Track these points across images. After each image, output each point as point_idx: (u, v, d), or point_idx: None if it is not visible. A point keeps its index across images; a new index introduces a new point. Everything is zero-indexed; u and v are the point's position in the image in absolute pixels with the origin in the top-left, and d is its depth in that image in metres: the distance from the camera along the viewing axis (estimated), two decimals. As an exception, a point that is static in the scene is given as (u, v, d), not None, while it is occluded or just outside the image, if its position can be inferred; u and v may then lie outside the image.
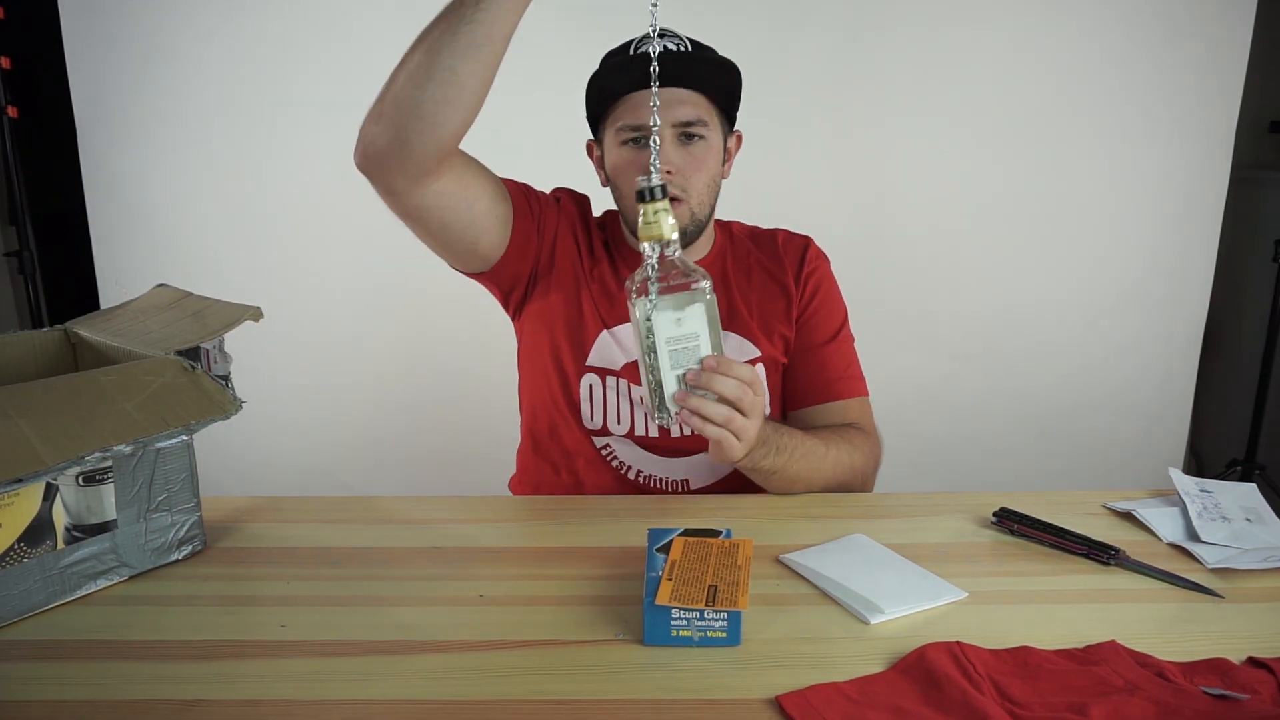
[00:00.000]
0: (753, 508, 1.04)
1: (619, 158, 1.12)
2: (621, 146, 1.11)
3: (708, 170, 1.12)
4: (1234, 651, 0.72)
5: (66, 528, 0.82)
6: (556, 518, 1.02)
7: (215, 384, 0.89)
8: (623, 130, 1.10)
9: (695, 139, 1.10)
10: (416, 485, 2.20)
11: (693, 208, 1.11)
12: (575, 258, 1.18)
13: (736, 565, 0.78)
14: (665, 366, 0.88)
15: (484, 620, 0.79)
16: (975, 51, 2.11)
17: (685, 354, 0.88)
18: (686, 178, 1.10)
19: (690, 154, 1.10)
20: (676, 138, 1.09)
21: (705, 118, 1.10)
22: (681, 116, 1.09)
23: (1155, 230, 2.22)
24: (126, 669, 0.72)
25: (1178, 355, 2.29)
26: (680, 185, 1.09)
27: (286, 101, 2.09)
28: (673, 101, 1.08)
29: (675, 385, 0.88)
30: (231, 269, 2.13)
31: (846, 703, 0.65)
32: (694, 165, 1.10)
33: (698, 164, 1.11)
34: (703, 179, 1.11)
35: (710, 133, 1.11)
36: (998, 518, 0.98)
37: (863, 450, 1.13)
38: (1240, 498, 1.02)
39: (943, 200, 2.18)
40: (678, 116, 1.08)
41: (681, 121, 1.09)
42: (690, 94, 1.10)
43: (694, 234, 1.14)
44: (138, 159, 2.13)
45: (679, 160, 1.09)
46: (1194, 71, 2.11)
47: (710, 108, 1.12)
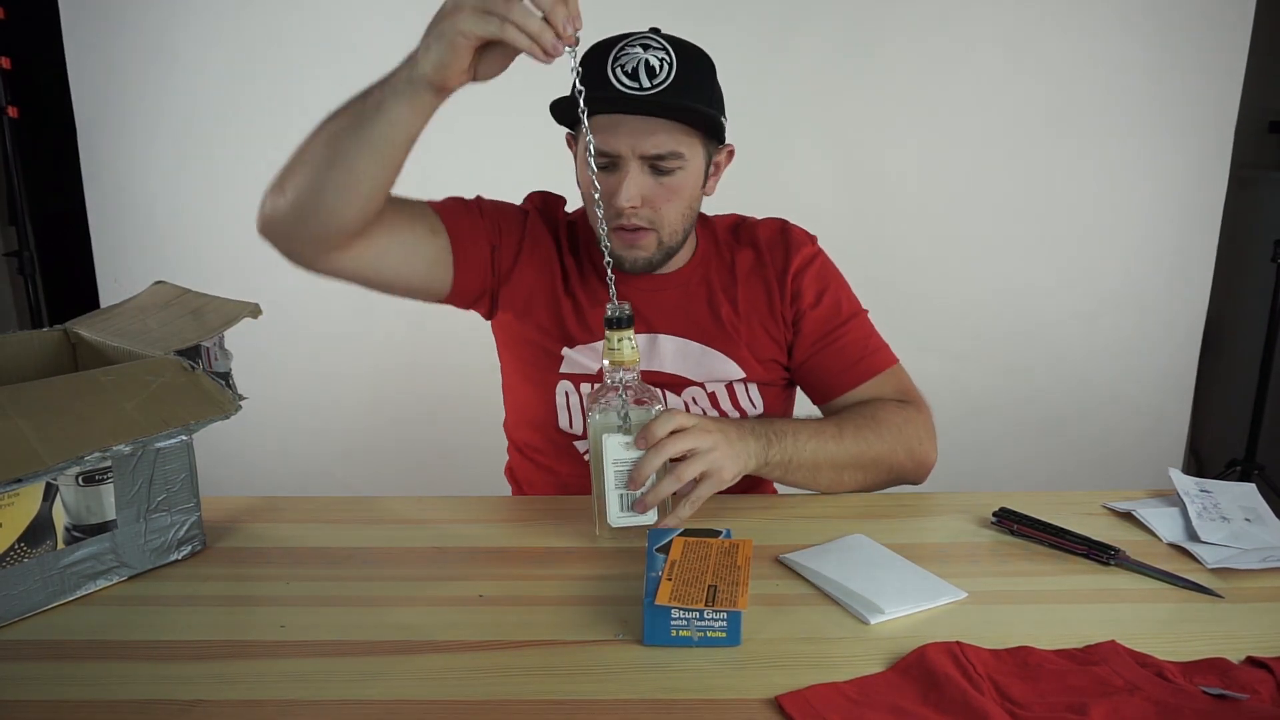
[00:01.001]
0: (753, 508, 1.04)
1: (588, 178, 1.01)
2: (588, 167, 1.01)
3: (682, 199, 1.06)
4: (1234, 651, 0.72)
5: (66, 528, 0.82)
6: (556, 518, 1.02)
7: (215, 384, 0.89)
8: (596, 155, 1.02)
9: (668, 171, 1.03)
10: (416, 485, 2.20)
11: (663, 237, 1.07)
12: (547, 269, 1.15)
13: (736, 565, 0.78)
14: (610, 485, 0.91)
15: (484, 620, 0.79)
16: (975, 51, 2.11)
17: (629, 476, 0.90)
18: (656, 209, 1.05)
19: (662, 185, 1.04)
20: (645, 167, 1.02)
21: (680, 149, 1.02)
22: (650, 149, 1.01)
23: (1155, 230, 2.22)
24: (126, 669, 0.72)
25: (1178, 355, 2.29)
26: (648, 218, 1.05)
27: (286, 101, 2.09)
28: (644, 132, 1.00)
29: (617, 505, 0.91)
30: (231, 269, 2.12)
31: (846, 703, 0.65)
32: (665, 196, 1.04)
33: (669, 195, 1.04)
34: (676, 208, 1.06)
35: (687, 161, 1.04)
36: (998, 518, 0.98)
37: (893, 423, 1.07)
38: (1240, 498, 1.02)
39: (942, 200, 2.18)
40: (646, 149, 1.01)
41: (651, 154, 1.01)
42: (664, 124, 1.01)
43: (663, 260, 1.10)
44: (138, 159, 2.14)
45: (649, 191, 1.03)
46: (1194, 71, 2.12)
47: (688, 134, 1.03)
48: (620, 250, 1.07)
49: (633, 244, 1.07)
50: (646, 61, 0.99)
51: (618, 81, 0.99)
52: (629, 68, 0.99)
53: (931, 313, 2.22)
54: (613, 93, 0.99)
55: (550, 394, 1.15)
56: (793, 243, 1.18)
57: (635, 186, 1.02)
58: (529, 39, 0.79)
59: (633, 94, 0.99)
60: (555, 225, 1.18)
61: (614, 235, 1.06)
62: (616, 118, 1.00)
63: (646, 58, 1.00)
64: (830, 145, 2.16)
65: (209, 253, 2.15)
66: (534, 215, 1.17)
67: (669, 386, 1.15)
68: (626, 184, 1.02)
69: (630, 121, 1.00)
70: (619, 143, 1.01)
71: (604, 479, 0.90)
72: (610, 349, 0.90)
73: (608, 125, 1.01)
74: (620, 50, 1.01)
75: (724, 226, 1.22)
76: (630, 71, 0.99)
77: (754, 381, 1.16)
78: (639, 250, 1.07)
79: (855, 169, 2.18)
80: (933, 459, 1.10)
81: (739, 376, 1.15)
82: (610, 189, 1.03)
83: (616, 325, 0.89)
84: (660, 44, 1.01)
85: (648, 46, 1.01)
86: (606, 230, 1.04)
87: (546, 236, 1.16)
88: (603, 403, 0.91)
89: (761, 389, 1.17)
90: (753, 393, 1.16)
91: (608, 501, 0.91)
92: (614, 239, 1.06)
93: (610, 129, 1.01)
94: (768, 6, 2.07)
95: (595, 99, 0.97)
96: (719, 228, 1.21)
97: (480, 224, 1.12)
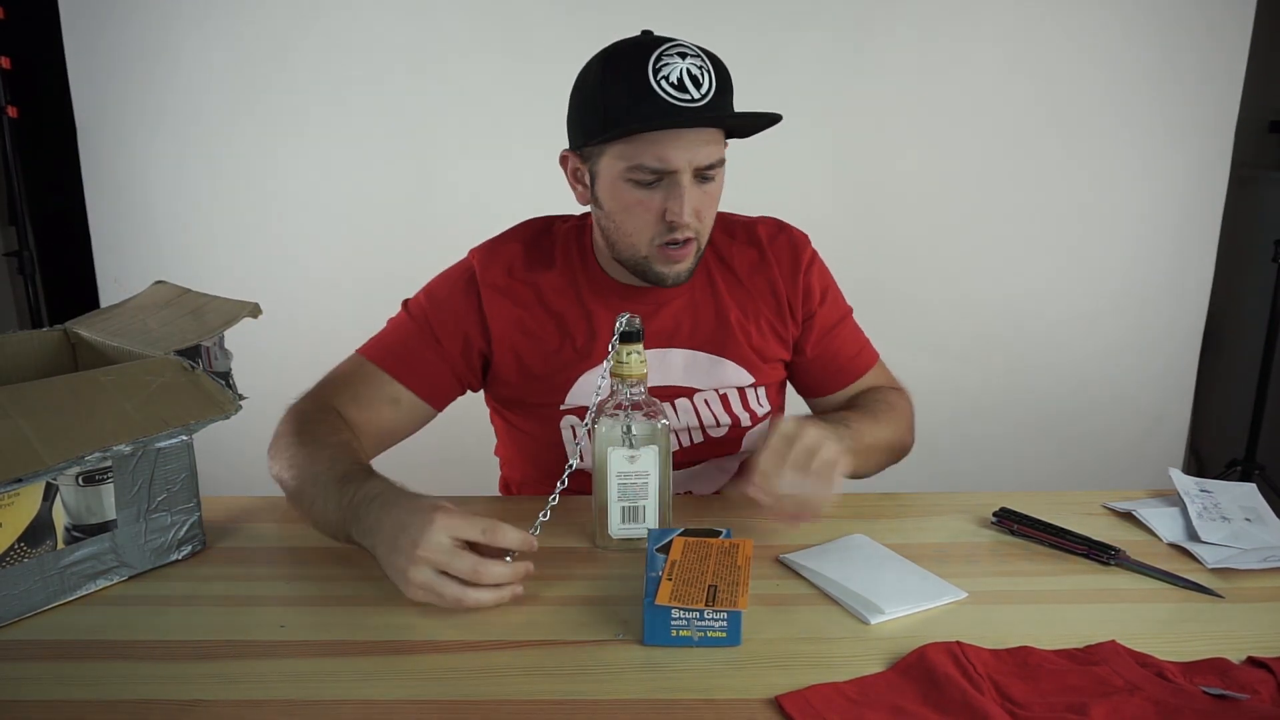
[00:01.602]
0: (753, 508, 1.04)
1: (626, 195, 1.01)
2: (628, 184, 1.00)
3: (716, 204, 1.06)
4: (1234, 651, 0.72)
5: (66, 528, 0.82)
6: (556, 518, 1.02)
7: (215, 384, 0.89)
8: (638, 170, 0.98)
9: (711, 179, 1.02)
10: (416, 485, 2.19)
11: (700, 245, 1.06)
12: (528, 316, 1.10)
13: (736, 565, 0.78)
14: (613, 498, 0.91)
15: (484, 620, 0.79)
16: (975, 51, 2.11)
17: (632, 490, 0.90)
18: (702, 219, 1.03)
19: (707, 194, 1.02)
20: (695, 178, 1.00)
21: (722, 155, 1.02)
22: (704, 160, 0.99)
23: (1155, 230, 2.22)
24: (126, 669, 0.72)
25: (1178, 355, 2.29)
26: (696, 229, 1.03)
27: (286, 101, 2.09)
28: (698, 144, 0.98)
29: (618, 518, 0.91)
30: (231, 269, 2.13)
31: (846, 703, 0.65)
32: (709, 205, 1.04)
33: (712, 202, 1.05)
34: (712, 215, 1.06)
35: (723, 167, 1.04)
36: (998, 518, 0.98)
37: (901, 407, 1.15)
38: (1240, 498, 1.02)
39: (942, 201, 2.18)
40: (700, 161, 0.99)
41: (704, 165, 0.99)
42: (714, 133, 1.00)
43: (695, 267, 1.07)
44: (138, 159, 2.13)
45: (699, 204, 1.01)
46: (1194, 71, 2.11)
47: (722, 138, 1.03)
48: (663, 267, 1.04)
49: (681, 258, 1.03)
50: (689, 70, 0.96)
51: (665, 94, 0.95)
52: (673, 78, 0.95)
53: (931, 313, 2.22)
54: (666, 106, 0.95)
55: (555, 430, 1.12)
56: (797, 241, 1.17)
57: (693, 200, 1.00)
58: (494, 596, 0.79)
59: (689, 106, 0.95)
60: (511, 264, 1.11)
61: (660, 252, 1.03)
62: (672, 132, 0.97)
63: (686, 66, 0.96)
64: (830, 145, 2.15)
65: (209, 253, 2.15)
66: (481, 274, 1.10)
67: (680, 395, 1.12)
68: (686, 198, 0.98)
69: (686, 134, 0.97)
70: (677, 157, 0.97)
71: (607, 491, 0.90)
72: (619, 362, 0.89)
73: (663, 140, 0.97)
74: (658, 61, 0.96)
75: (717, 225, 1.16)
76: (676, 82, 0.95)
77: (762, 385, 1.16)
78: (684, 264, 1.04)
79: (855, 169, 2.17)
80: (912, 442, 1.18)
81: (749, 383, 1.14)
82: (657, 206, 1.00)
83: (626, 340, 0.88)
84: (694, 50, 0.98)
85: (684, 55, 0.97)
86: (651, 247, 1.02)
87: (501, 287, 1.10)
88: (608, 415, 0.90)
89: (767, 390, 1.17)
90: (760, 395, 1.16)
91: (609, 513, 0.91)
92: (659, 256, 1.03)
93: (666, 143, 0.97)
94: (767, 6, 2.07)
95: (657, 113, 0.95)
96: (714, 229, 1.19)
97: (437, 351, 1.09)
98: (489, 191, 2.05)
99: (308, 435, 0.98)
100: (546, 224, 1.16)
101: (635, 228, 1.02)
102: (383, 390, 1.08)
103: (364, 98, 2.07)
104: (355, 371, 1.09)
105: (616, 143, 0.99)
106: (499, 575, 0.78)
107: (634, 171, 0.98)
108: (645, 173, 0.98)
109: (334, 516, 0.87)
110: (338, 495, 0.87)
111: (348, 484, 0.87)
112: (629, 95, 0.95)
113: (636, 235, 1.02)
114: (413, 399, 1.09)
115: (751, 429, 1.15)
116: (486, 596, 0.78)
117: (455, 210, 2.09)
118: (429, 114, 2.09)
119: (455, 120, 2.09)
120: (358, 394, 1.07)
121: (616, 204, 1.02)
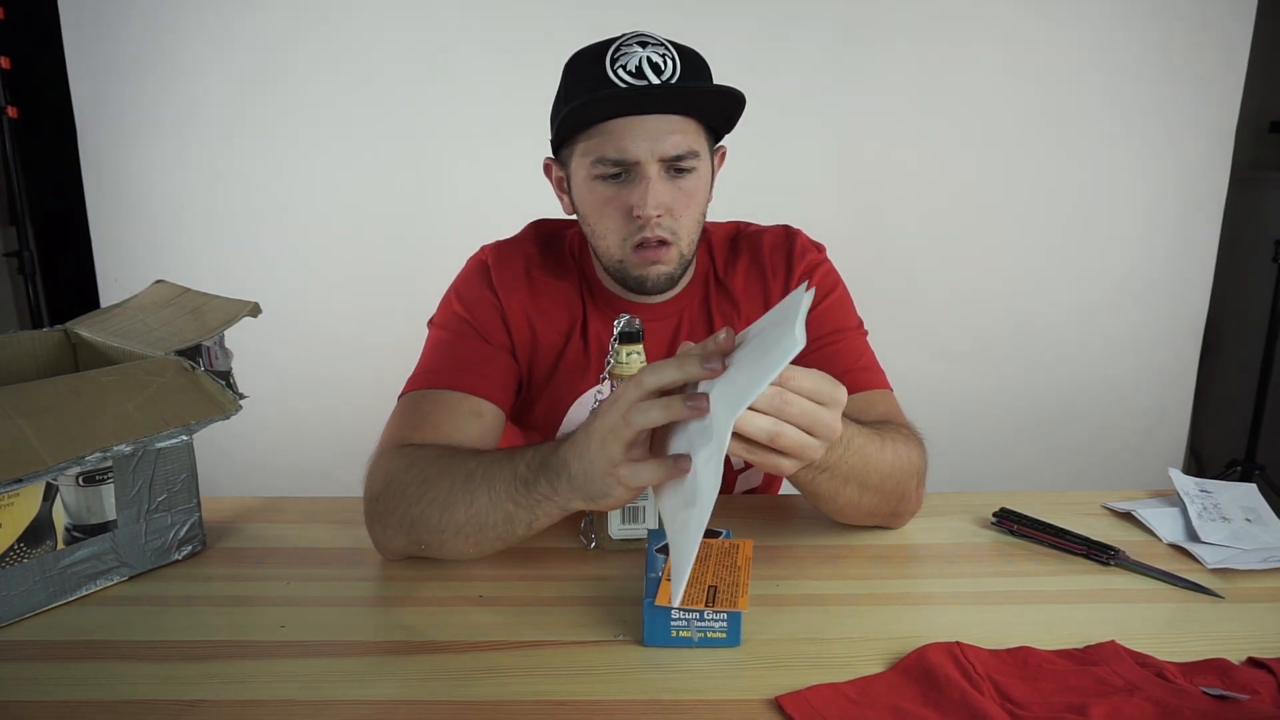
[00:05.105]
0: (753, 508, 1.04)
1: (594, 194, 0.96)
2: (596, 181, 0.95)
3: (697, 204, 0.98)
4: (1234, 651, 0.72)
5: (66, 528, 0.82)
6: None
7: (215, 384, 0.89)
8: (601, 164, 0.94)
9: (686, 173, 0.95)
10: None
11: (681, 249, 0.98)
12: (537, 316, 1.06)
13: (736, 566, 0.78)
14: None
15: (484, 620, 0.79)
16: (975, 51, 2.11)
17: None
18: (676, 218, 0.96)
19: (680, 189, 0.95)
20: (665, 171, 0.94)
21: (696, 147, 0.95)
22: (670, 150, 0.93)
23: (1155, 230, 2.22)
24: (126, 669, 0.72)
25: (1177, 355, 2.29)
26: (670, 228, 0.96)
27: (286, 101, 2.09)
28: (662, 132, 0.92)
29: (618, 519, 0.91)
30: (232, 269, 2.13)
31: (846, 703, 0.65)
32: (684, 202, 0.96)
33: (688, 200, 0.96)
34: (692, 215, 0.98)
35: (700, 162, 0.96)
36: (998, 518, 0.98)
37: (915, 446, 0.94)
38: (1240, 498, 1.02)
39: (942, 201, 2.18)
40: (666, 150, 0.92)
41: (671, 156, 0.93)
42: (680, 120, 0.93)
43: (681, 273, 1.01)
44: (138, 159, 2.13)
45: (669, 198, 0.95)
46: (1194, 71, 2.12)
47: (700, 132, 0.96)
48: (638, 270, 0.98)
49: (656, 260, 0.97)
50: (648, 58, 0.91)
51: (622, 81, 0.91)
52: (630, 66, 0.91)
53: (931, 312, 2.22)
54: (620, 92, 0.90)
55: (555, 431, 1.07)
56: (796, 249, 1.10)
57: (658, 193, 0.93)
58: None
59: (640, 89, 0.90)
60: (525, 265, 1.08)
61: (635, 254, 0.97)
62: (630, 120, 0.91)
63: (647, 54, 0.92)
64: (830, 146, 2.15)
65: (209, 253, 2.15)
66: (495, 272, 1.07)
67: None
68: (650, 191, 0.93)
69: (646, 121, 0.92)
70: (637, 146, 0.92)
71: None
72: (619, 363, 0.88)
73: (621, 129, 0.92)
74: (616, 51, 0.92)
75: (722, 239, 1.13)
76: (634, 70, 0.91)
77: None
78: (661, 265, 0.98)
79: (855, 169, 2.17)
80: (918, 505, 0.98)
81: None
82: (624, 202, 0.95)
83: (625, 340, 0.88)
84: (657, 40, 0.94)
85: (645, 44, 0.93)
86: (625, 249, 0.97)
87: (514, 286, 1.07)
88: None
89: None
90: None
91: (610, 514, 0.91)
92: (634, 259, 0.98)
93: (624, 132, 0.92)
94: (766, 6, 2.07)
95: (603, 99, 0.89)
96: (716, 241, 1.12)
97: (489, 349, 1.03)
98: (489, 193, 2.05)
99: (423, 466, 0.86)
100: (558, 228, 1.13)
101: (608, 228, 0.97)
102: (460, 408, 0.98)
103: (364, 98, 2.07)
104: (418, 407, 0.98)
105: (582, 140, 0.95)
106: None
107: (598, 166, 0.94)
108: (608, 165, 0.94)
109: (511, 490, 0.78)
110: (509, 468, 0.79)
111: (512, 457, 0.80)
112: (587, 89, 0.92)
113: (610, 237, 0.97)
114: (491, 407, 1.00)
115: None
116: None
117: (455, 210, 2.09)
118: (429, 114, 2.09)
119: (456, 121, 2.09)
120: (438, 424, 0.96)
121: (589, 205, 0.98)
